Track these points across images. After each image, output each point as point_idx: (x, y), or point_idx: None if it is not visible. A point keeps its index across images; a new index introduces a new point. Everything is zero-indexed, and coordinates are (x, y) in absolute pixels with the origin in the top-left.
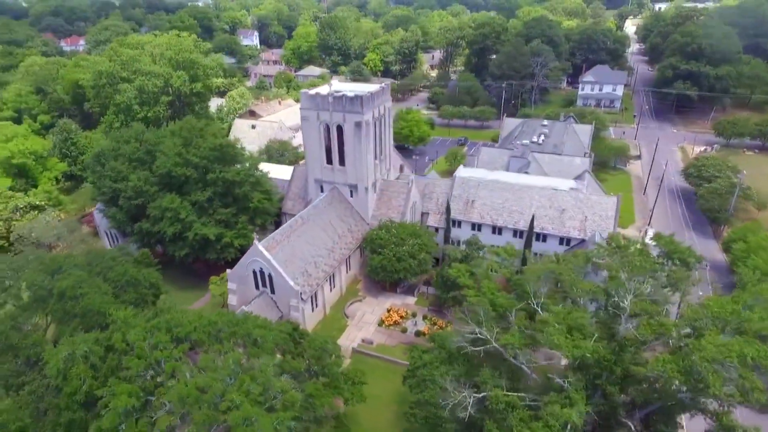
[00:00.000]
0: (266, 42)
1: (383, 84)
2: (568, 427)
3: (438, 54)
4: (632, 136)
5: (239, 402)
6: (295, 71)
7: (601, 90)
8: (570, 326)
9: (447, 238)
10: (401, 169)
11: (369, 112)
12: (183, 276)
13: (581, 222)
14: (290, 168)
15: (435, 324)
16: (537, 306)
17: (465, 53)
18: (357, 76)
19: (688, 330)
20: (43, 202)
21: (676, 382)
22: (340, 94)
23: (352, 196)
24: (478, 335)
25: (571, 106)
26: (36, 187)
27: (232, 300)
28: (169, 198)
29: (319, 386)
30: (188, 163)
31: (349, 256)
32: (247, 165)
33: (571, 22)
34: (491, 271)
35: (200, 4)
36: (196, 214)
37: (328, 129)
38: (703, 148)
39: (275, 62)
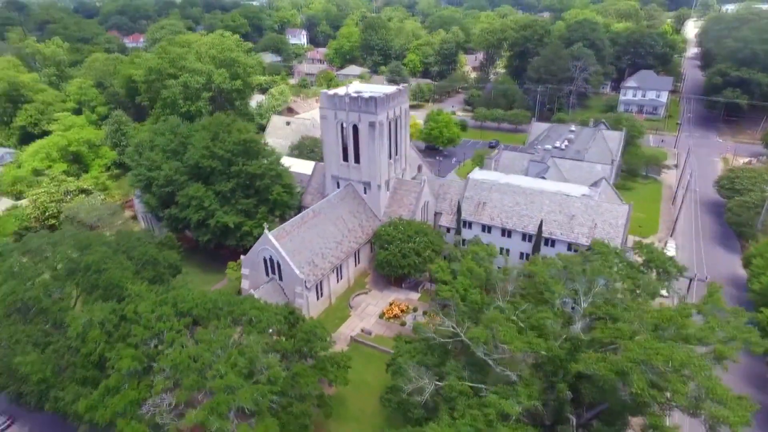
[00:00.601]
0: (314, 41)
1: (400, 87)
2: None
3: (481, 56)
4: (672, 144)
5: (224, 372)
6: (337, 70)
7: (644, 96)
8: (532, 324)
9: (458, 235)
10: (419, 169)
11: (383, 113)
12: (208, 260)
13: (590, 229)
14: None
15: (433, 319)
16: (503, 304)
17: (507, 55)
18: (395, 77)
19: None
20: (90, 187)
21: (620, 384)
22: (356, 95)
23: (365, 192)
24: (449, 328)
25: (611, 111)
26: (87, 172)
27: (245, 284)
28: (195, 187)
29: (305, 367)
30: (214, 156)
31: (359, 250)
32: (269, 160)
33: (621, 25)
34: (468, 270)
35: (255, 3)
36: (219, 203)
37: (344, 128)
38: (747, 160)
39: (320, 61)
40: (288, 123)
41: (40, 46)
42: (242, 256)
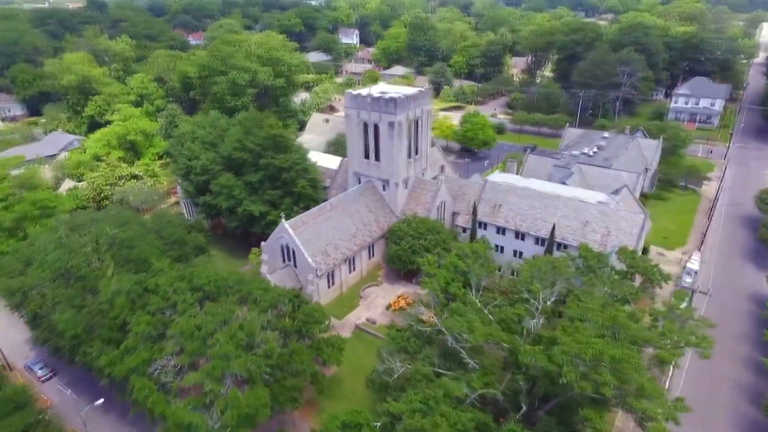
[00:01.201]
0: (365, 41)
1: (422, 88)
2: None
3: (529, 59)
4: (722, 155)
5: (223, 341)
6: (383, 70)
7: (696, 104)
8: (501, 318)
9: (472, 239)
10: (442, 169)
11: (402, 114)
12: (236, 245)
13: (603, 236)
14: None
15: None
16: (477, 298)
17: (555, 59)
18: (439, 78)
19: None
20: (141, 173)
21: (567, 377)
22: (378, 95)
23: (384, 189)
24: (428, 318)
25: (660, 119)
26: (140, 160)
27: (264, 269)
28: (227, 177)
29: (302, 346)
30: (245, 148)
31: (373, 244)
32: (296, 155)
33: (682, 28)
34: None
35: (312, 2)
36: (247, 192)
37: (366, 126)
38: None
39: (369, 61)
40: (327, 120)
41: (111, 43)
42: (262, 243)
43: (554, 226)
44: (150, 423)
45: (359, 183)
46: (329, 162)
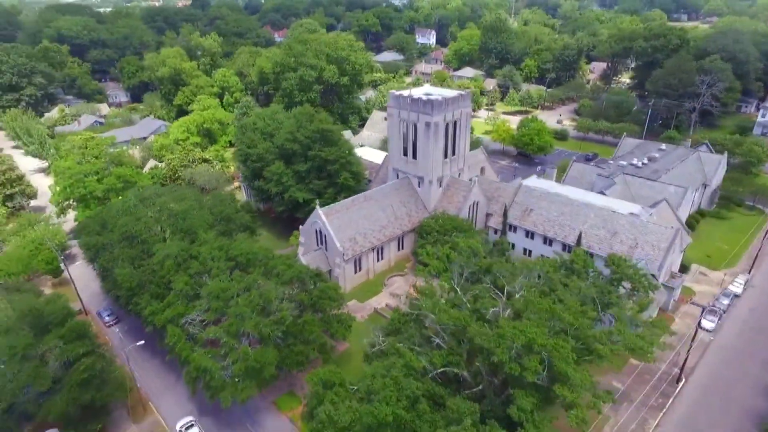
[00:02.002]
0: (442, 41)
1: (462, 92)
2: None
3: (606, 65)
4: None
5: (242, 304)
6: (453, 71)
7: None
8: (476, 308)
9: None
10: (482, 171)
11: (439, 115)
12: (283, 228)
13: (630, 247)
14: None
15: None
16: (457, 286)
17: (634, 65)
18: (506, 81)
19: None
20: (211, 158)
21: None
22: (417, 97)
23: (419, 186)
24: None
25: (746, 134)
26: (214, 146)
27: (300, 250)
28: (277, 165)
29: (314, 318)
30: (296, 140)
31: (403, 237)
32: (342, 149)
33: None
34: (447, 257)
35: (396, 2)
36: (295, 180)
37: (406, 126)
38: None
39: (440, 62)
40: (386, 118)
41: (201, 39)
42: (300, 227)
43: (580, 233)
44: (180, 367)
45: (397, 178)
46: (377, 157)
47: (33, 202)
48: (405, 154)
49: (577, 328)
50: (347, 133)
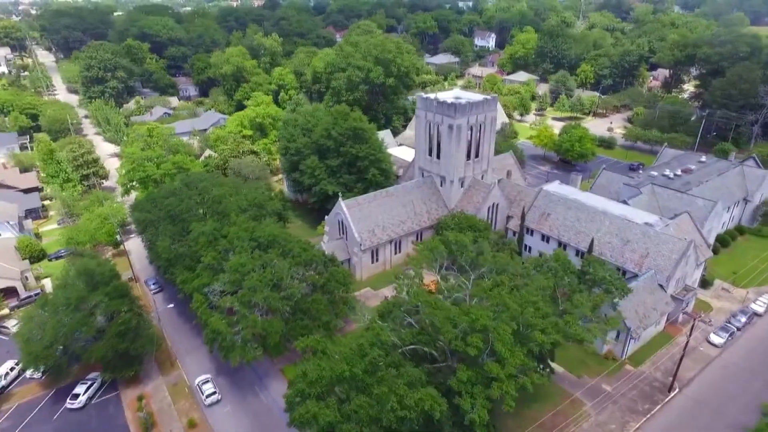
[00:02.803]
0: (503, 44)
1: (488, 96)
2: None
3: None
4: None
5: (255, 278)
6: (505, 75)
7: None
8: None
9: (520, 243)
10: (508, 174)
11: (463, 118)
12: (315, 218)
13: (641, 257)
14: None
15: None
16: (437, 275)
17: (698, 73)
18: (559, 86)
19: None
20: (259, 150)
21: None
22: (442, 99)
23: (441, 185)
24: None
25: None
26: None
27: (324, 238)
28: (312, 159)
29: (322, 298)
30: (330, 137)
31: (421, 232)
32: (373, 147)
33: None
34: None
35: (461, 4)
36: (326, 174)
37: (431, 127)
38: None
39: (494, 65)
40: None
41: (263, 39)
42: (326, 217)
43: (593, 240)
44: (203, 330)
45: (422, 177)
46: (411, 156)
47: (105, 183)
48: (430, 154)
49: (524, 315)
50: (385, 133)
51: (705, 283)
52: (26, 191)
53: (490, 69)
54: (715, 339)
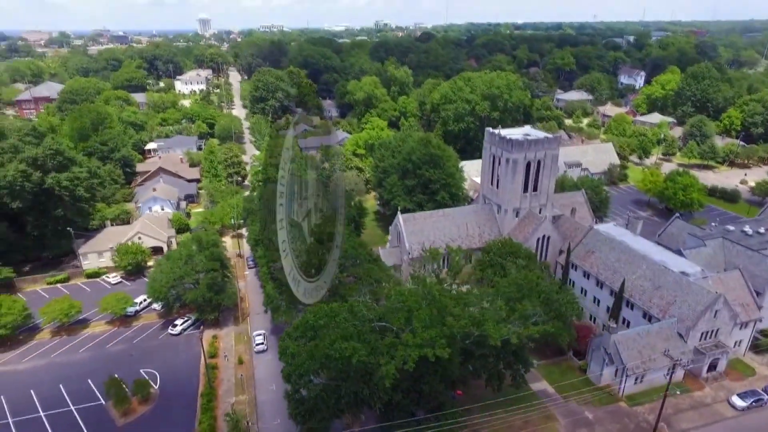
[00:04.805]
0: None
1: (550, 135)
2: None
3: None
4: None
5: None
6: (639, 115)
7: None
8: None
9: (564, 276)
10: (573, 211)
11: (519, 153)
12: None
13: (667, 303)
14: None
15: None
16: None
17: None
18: (694, 131)
19: None
20: (364, 167)
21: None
22: (504, 135)
23: (498, 212)
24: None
25: None
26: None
27: (388, 245)
28: (393, 178)
29: (355, 285)
30: (410, 160)
31: (471, 252)
32: (446, 172)
33: None
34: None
35: (619, 41)
36: (403, 192)
37: (494, 159)
38: None
39: (629, 105)
40: None
41: (395, 71)
42: (390, 227)
43: (624, 281)
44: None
45: (484, 203)
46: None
47: (246, 182)
48: (491, 183)
49: (442, 303)
50: (475, 163)
51: (757, 347)
52: (189, 181)
53: (622, 109)
54: (738, 401)
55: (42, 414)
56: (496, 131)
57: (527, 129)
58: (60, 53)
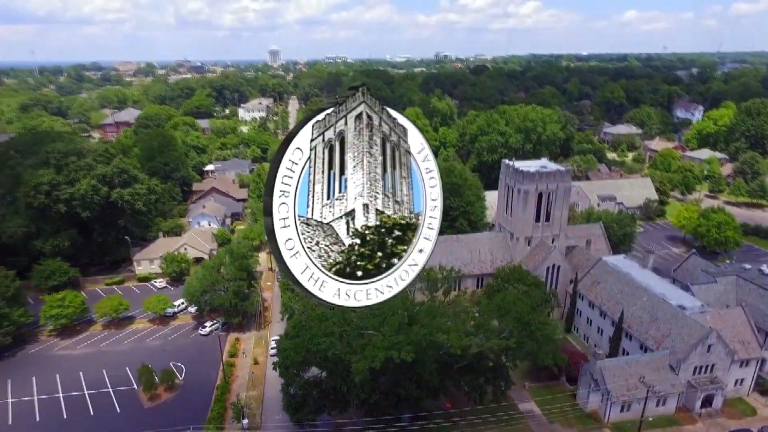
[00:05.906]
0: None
1: (562, 168)
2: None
3: None
4: None
5: None
6: (687, 151)
7: None
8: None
9: (572, 304)
10: (588, 243)
11: (530, 185)
12: None
13: (662, 335)
14: None
15: None
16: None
17: None
18: (745, 168)
19: None
20: None
21: None
22: (517, 167)
23: (511, 240)
24: None
25: None
26: None
27: None
28: None
29: None
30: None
31: (483, 277)
32: (464, 201)
33: None
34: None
35: (681, 74)
36: None
37: (508, 189)
38: None
39: (680, 140)
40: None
41: (438, 103)
42: None
43: (622, 312)
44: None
45: (499, 230)
46: None
47: None
48: (506, 212)
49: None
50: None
51: (762, 387)
52: (237, 200)
53: (671, 143)
54: None
55: (86, 392)
56: (511, 163)
57: (544, 162)
58: (144, 82)
